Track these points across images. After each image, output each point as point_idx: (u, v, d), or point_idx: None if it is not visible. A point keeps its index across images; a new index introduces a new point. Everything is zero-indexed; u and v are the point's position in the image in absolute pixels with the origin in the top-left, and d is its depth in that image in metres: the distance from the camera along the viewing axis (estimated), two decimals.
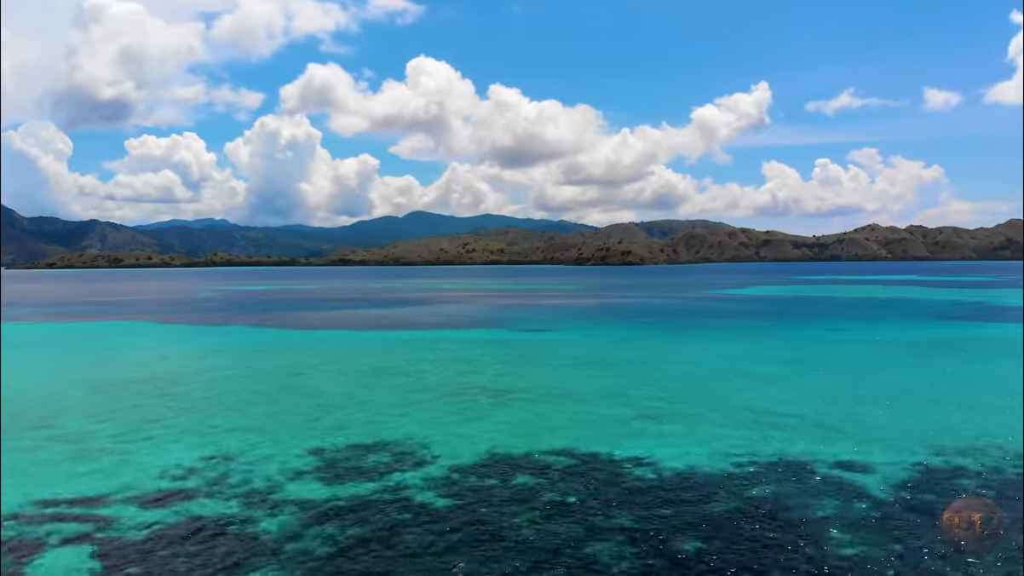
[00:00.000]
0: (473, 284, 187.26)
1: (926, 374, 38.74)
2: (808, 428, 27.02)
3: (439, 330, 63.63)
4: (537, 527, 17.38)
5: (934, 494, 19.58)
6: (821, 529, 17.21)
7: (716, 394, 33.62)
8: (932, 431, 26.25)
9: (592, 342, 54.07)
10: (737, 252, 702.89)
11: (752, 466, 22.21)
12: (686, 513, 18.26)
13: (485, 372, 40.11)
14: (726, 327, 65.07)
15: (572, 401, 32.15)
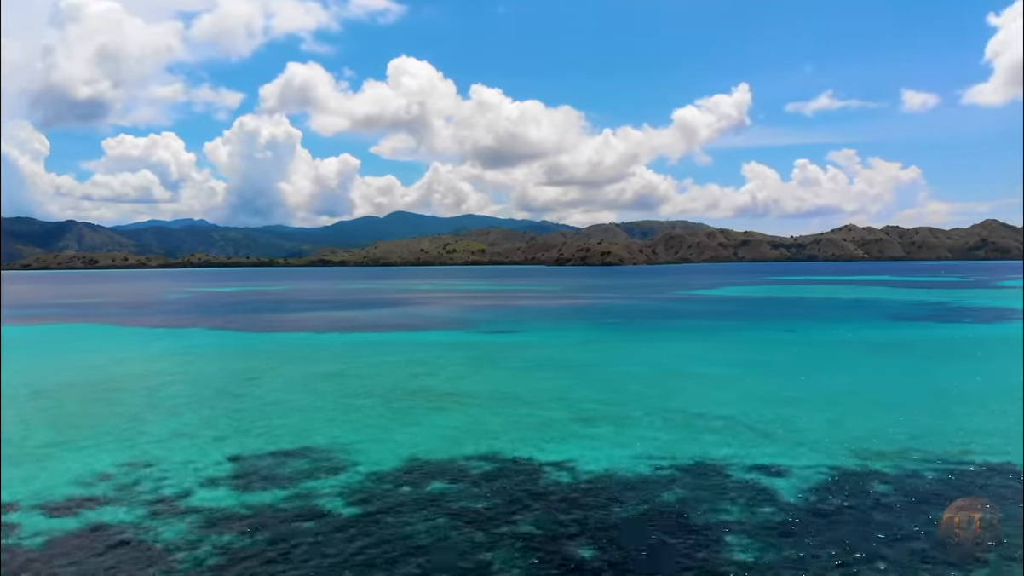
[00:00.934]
0: (449, 285, 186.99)
1: (867, 376, 38.98)
2: (737, 430, 27.09)
3: (401, 332, 63.38)
4: (433, 535, 17.24)
5: (845, 498, 19.64)
6: (719, 532, 17.20)
7: (657, 396, 33.65)
8: (858, 434, 26.38)
9: (551, 344, 54.06)
10: (716, 253, 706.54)
11: (669, 469, 22.22)
12: (588, 518, 18.19)
13: (436, 375, 39.92)
14: (685, 328, 65.31)
15: (514, 404, 32.05)
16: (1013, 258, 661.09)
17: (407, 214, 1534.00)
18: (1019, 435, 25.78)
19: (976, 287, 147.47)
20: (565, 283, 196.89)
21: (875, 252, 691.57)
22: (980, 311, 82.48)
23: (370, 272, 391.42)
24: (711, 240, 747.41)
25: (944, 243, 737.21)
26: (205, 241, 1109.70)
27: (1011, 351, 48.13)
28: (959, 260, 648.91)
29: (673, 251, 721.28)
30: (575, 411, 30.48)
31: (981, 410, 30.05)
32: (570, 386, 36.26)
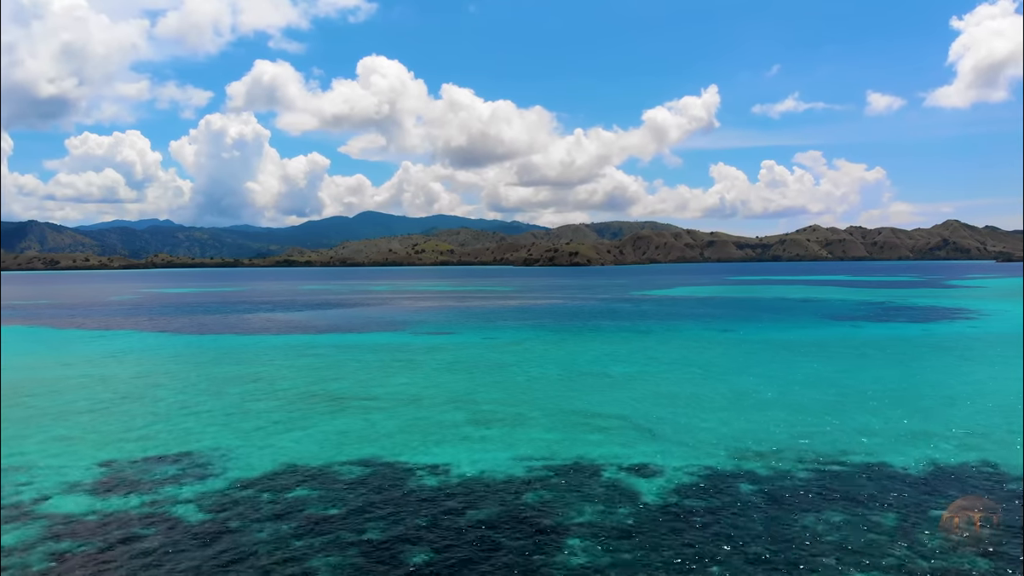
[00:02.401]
0: (405, 286, 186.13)
1: (775, 375, 39.26)
2: (625, 430, 27.14)
3: (330, 335, 62.84)
4: (272, 543, 16.97)
5: (706, 498, 19.71)
6: (561, 534, 17.14)
7: (560, 397, 33.63)
8: (740, 433, 26.56)
9: (477, 345, 53.86)
10: (682, 253, 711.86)
11: (542, 470, 22.15)
12: (437, 522, 18.04)
13: (346, 378, 39.52)
14: (619, 329, 65.49)
15: (412, 407, 31.82)
16: (973, 258, 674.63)
17: (377, 214, 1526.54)
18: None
19: (926, 287, 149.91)
20: (525, 283, 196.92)
21: (839, 252, 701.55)
22: (917, 311, 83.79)
23: (333, 273, 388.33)
24: (678, 241, 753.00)
25: (906, 243, 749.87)
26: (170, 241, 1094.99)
27: (931, 351, 48.94)
28: (920, 260, 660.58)
29: (641, 251, 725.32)
30: (472, 413, 30.34)
31: (871, 410, 30.41)
32: (477, 388, 36.10)
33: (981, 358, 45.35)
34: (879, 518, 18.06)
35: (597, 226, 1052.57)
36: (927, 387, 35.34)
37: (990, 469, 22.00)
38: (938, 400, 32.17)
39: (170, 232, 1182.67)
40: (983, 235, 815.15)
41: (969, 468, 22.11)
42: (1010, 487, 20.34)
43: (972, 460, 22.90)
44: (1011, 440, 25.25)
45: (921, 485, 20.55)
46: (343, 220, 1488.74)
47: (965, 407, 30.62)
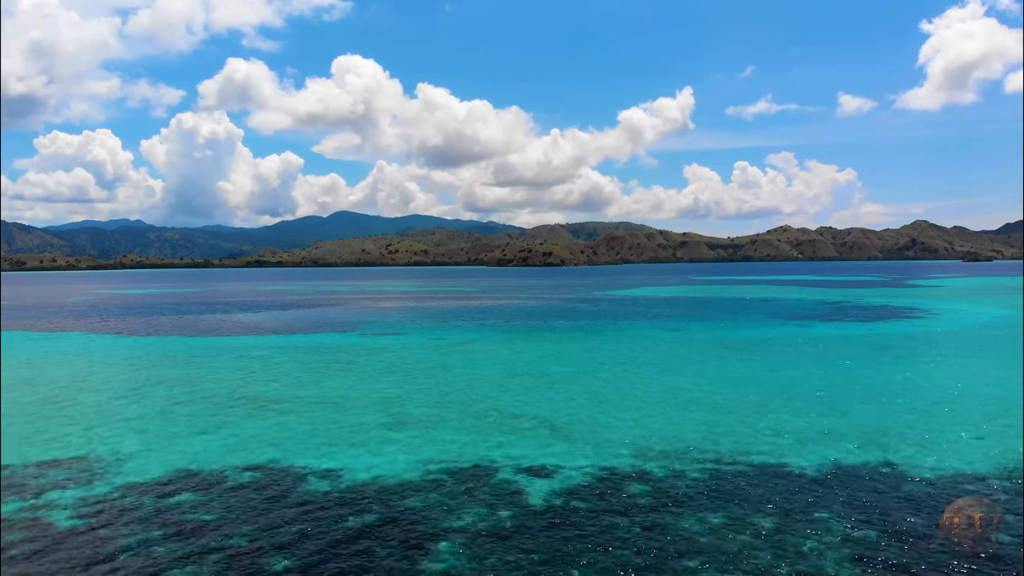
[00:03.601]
0: (371, 286, 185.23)
1: (712, 375, 39.35)
2: (538, 431, 26.96)
3: (277, 336, 62.22)
4: (137, 548, 16.56)
5: (600, 499, 19.56)
6: (435, 538, 16.91)
7: (486, 398, 33.41)
8: (654, 433, 26.49)
9: (424, 346, 53.53)
10: (655, 253, 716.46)
11: (438, 473, 21.89)
12: (313, 528, 17.71)
13: (276, 380, 38.98)
14: (573, 328, 65.46)
15: (332, 410, 31.41)
16: (941, 258, 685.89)
17: (351, 214, 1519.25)
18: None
19: (887, 286, 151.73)
20: (492, 284, 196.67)
21: (809, 252, 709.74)
22: (869, 310, 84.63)
23: (303, 273, 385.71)
24: (651, 241, 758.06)
25: (875, 243, 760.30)
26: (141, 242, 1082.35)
27: (870, 350, 49.36)
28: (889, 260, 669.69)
29: (614, 252, 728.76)
30: (392, 416, 30.01)
31: (789, 409, 30.51)
32: (407, 390, 35.76)
33: (917, 357, 45.78)
34: (758, 519, 18.02)
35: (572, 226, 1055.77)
36: (852, 386, 35.54)
37: (887, 470, 22.08)
38: (856, 399, 32.34)
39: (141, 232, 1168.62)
40: (951, 235, 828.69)
41: (868, 469, 22.18)
42: (910, 489, 20.42)
43: (873, 460, 22.97)
44: (921, 440, 25.41)
45: (811, 486, 20.56)
46: (317, 220, 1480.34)
47: (881, 406, 30.80)
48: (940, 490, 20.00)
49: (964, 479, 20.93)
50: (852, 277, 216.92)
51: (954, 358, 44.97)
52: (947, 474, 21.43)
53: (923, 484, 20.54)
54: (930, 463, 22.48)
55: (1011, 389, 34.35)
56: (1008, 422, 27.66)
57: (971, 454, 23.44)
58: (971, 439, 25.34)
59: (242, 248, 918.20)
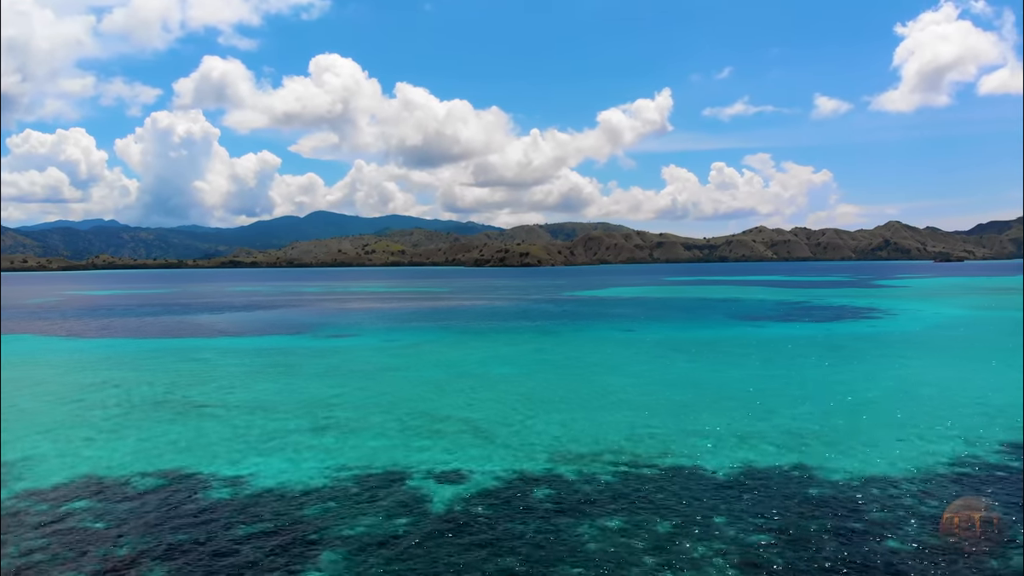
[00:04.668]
0: (340, 287, 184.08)
1: (651, 376, 39.21)
2: (461, 435, 26.58)
3: (226, 338, 61.45)
4: (14, 557, 16.01)
5: (494, 507, 19.24)
6: (329, 546, 16.51)
7: (421, 401, 32.98)
8: (579, 435, 26.24)
9: (372, 348, 53.01)
10: (632, 254, 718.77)
11: (346, 480, 21.48)
12: (200, 537, 17.24)
13: (209, 384, 38.26)
14: (529, 329, 65.19)
15: (258, 414, 30.82)
16: (913, 258, 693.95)
17: (329, 214, 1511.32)
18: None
19: (853, 286, 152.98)
20: (465, 284, 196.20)
21: (783, 253, 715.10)
22: (828, 310, 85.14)
23: (277, 274, 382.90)
24: (628, 242, 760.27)
25: (848, 244, 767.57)
26: (115, 242, 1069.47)
27: (817, 350, 49.42)
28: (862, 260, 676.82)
29: (592, 252, 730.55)
30: (317, 420, 29.51)
31: (719, 411, 30.38)
32: (341, 393, 35.23)
33: (861, 358, 45.83)
34: (654, 524, 17.79)
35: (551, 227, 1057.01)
36: (787, 388, 35.51)
37: (797, 473, 21.96)
38: (788, 401, 32.29)
39: (115, 232, 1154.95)
40: (924, 236, 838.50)
41: (778, 472, 22.04)
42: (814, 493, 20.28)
43: (785, 463, 22.86)
44: (838, 441, 25.35)
45: (717, 490, 20.37)
46: (294, 220, 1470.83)
47: (810, 408, 30.75)
48: (845, 492, 19.88)
49: (874, 482, 20.83)
50: (820, 277, 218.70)
51: (900, 359, 45.18)
52: (859, 477, 21.32)
53: (831, 487, 20.41)
54: (844, 465, 22.37)
55: (948, 389, 34.51)
56: (938, 424, 27.70)
57: (885, 456, 23.39)
58: (893, 441, 25.30)
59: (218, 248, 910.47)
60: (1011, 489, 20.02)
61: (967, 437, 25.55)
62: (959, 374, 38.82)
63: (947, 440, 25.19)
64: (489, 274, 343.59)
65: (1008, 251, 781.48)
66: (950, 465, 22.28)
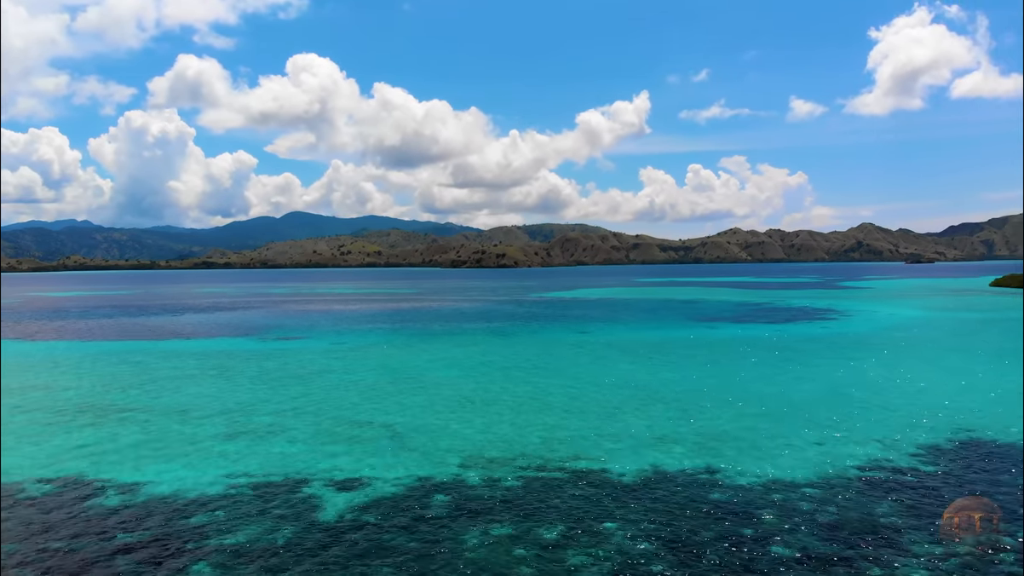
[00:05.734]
0: (307, 289, 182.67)
1: (589, 378, 38.95)
2: (377, 440, 26.13)
3: (169, 340, 60.55)
4: None
5: (385, 515, 18.86)
6: (206, 557, 16.03)
7: (348, 405, 32.50)
8: (498, 439, 25.93)
9: (316, 350, 52.36)
10: (609, 255, 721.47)
11: (243, 487, 20.95)
12: (72, 547, 16.70)
13: (137, 388, 37.45)
14: (484, 331, 64.85)
15: (174, 419, 30.15)
16: (885, 259, 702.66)
17: (306, 214, 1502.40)
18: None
19: (818, 287, 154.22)
20: (436, 285, 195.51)
21: (757, 254, 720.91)
22: (785, 311, 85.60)
23: (249, 275, 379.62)
24: (605, 243, 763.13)
25: (822, 245, 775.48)
26: (88, 243, 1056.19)
27: (762, 351, 49.49)
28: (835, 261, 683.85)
29: (569, 254, 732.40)
30: (233, 426, 28.90)
31: (644, 414, 30.20)
32: (264, 398, 34.54)
33: (804, 359, 45.92)
34: (543, 529, 17.49)
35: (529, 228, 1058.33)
36: (720, 389, 35.38)
37: (706, 476, 21.77)
38: (717, 403, 32.16)
39: (88, 233, 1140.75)
40: (896, 237, 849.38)
41: (685, 475, 21.85)
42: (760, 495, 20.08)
43: (695, 466, 22.68)
44: (752, 445, 25.22)
45: (617, 493, 20.12)
46: (270, 220, 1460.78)
47: (736, 410, 30.65)
48: (744, 496, 19.71)
49: (776, 487, 20.69)
50: (787, 279, 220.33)
51: (842, 360, 45.20)
52: (764, 481, 21.17)
53: (732, 491, 20.23)
54: (752, 469, 22.22)
55: (880, 391, 34.58)
56: (859, 426, 27.68)
57: (796, 459, 23.29)
58: (809, 444, 25.22)
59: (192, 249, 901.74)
60: (911, 495, 19.96)
61: (885, 440, 25.54)
62: (895, 375, 38.96)
63: (863, 443, 25.14)
64: (463, 275, 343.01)
65: (979, 252, 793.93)
66: (859, 469, 22.19)
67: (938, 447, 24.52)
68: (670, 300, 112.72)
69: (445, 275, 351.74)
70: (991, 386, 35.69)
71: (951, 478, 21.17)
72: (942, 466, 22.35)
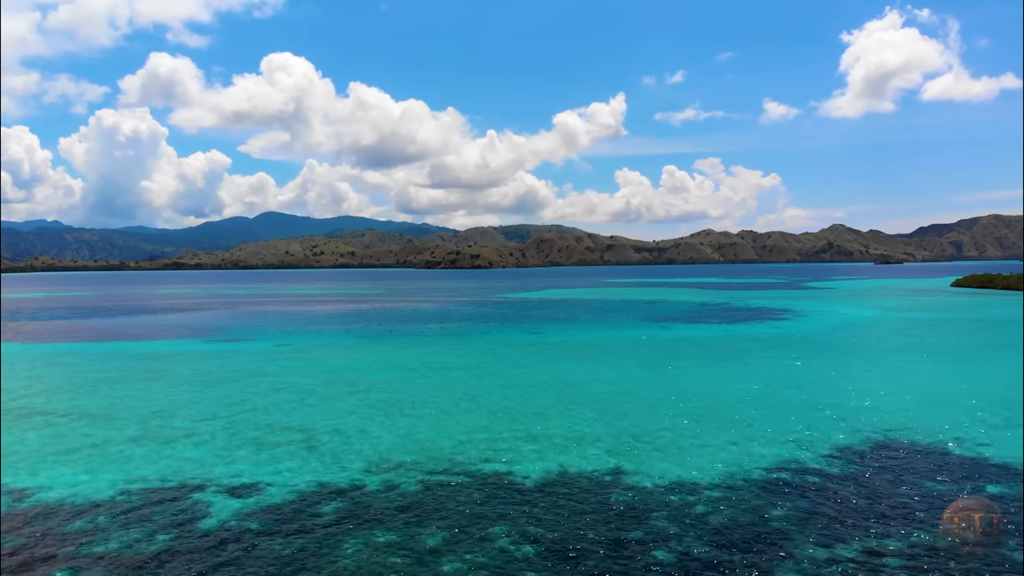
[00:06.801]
0: (271, 290, 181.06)
1: (524, 379, 38.67)
2: (289, 445, 25.57)
3: (112, 342, 59.51)
4: None
5: (271, 522, 18.38)
6: (76, 565, 15.46)
7: (271, 409, 31.86)
8: (408, 442, 25.52)
9: (257, 353, 51.60)
10: (583, 256, 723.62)
11: (136, 492, 20.36)
12: None
13: (66, 390, 36.68)
14: (437, 332, 64.40)
15: (90, 423, 29.40)
16: (856, 260, 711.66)
17: (280, 215, 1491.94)
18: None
19: (782, 288, 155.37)
20: (402, 286, 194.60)
21: (730, 255, 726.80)
22: (741, 311, 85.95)
23: (217, 276, 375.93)
24: (580, 244, 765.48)
25: (793, 246, 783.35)
26: (57, 243, 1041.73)
27: (704, 352, 49.52)
28: (806, 262, 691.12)
29: (544, 254, 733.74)
30: (147, 429, 28.20)
31: (573, 415, 29.95)
32: (187, 401, 33.82)
33: (743, 359, 45.88)
34: (429, 537, 17.11)
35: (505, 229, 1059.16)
36: (654, 389, 35.23)
37: (609, 479, 21.51)
38: (645, 403, 32.00)
39: (57, 234, 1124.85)
40: (866, 238, 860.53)
41: (592, 478, 21.58)
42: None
43: (603, 468, 22.41)
44: (666, 446, 25.02)
45: (520, 496, 19.79)
46: (243, 221, 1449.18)
47: (661, 411, 30.48)
48: (644, 498, 19.46)
49: (678, 488, 20.47)
50: (754, 280, 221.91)
51: (781, 360, 45.22)
52: (668, 482, 20.93)
53: (634, 493, 19.97)
54: (660, 470, 21.98)
55: (810, 391, 34.58)
56: (780, 427, 27.58)
57: (707, 460, 23.11)
58: (724, 444, 25.05)
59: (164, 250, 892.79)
60: (811, 497, 19.83)
61: (800, 440, 25.44)
62: (830, 376, 39.06)
63: (778, 444, 25.02)
64: (435, 276, 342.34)
65: (948, 253, 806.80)
66: (765, 471, 22.03)
67: (851, 448, 24.46)
68: (632, 301, 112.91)
69: (416, 276, 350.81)
70: (923, 386, 35.89)
71: (853, 480, 21.08)
72: (850, 468, 22.27)
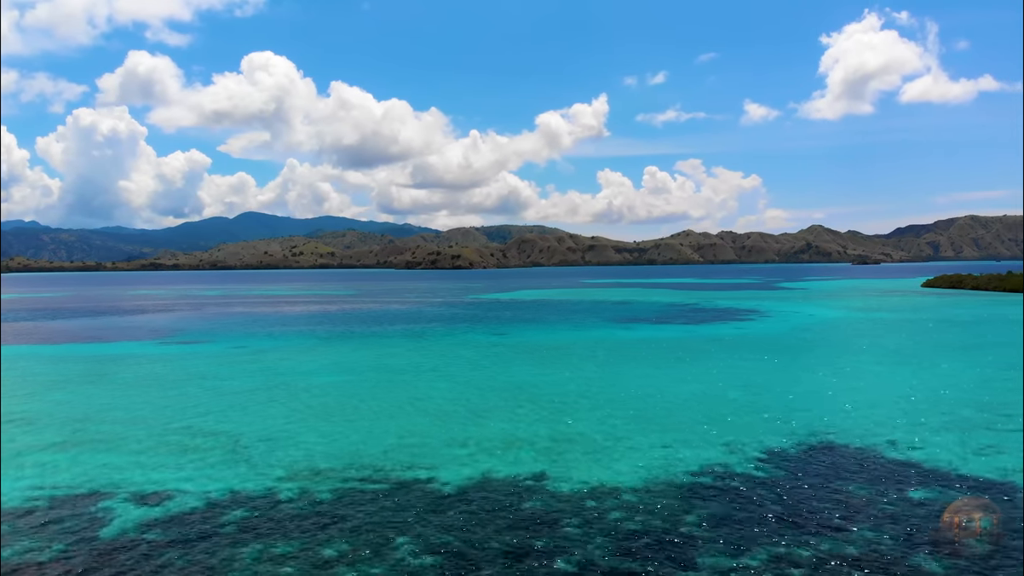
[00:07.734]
0: (243, 290, 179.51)
1: (478, 382, 38.29)
2: (216, 450, 25.00)
3: (62, 345, 58.54)
4: None
5: (190, 529, 17.83)
6: None
7: (209, 413, 31.21)
8: (348, 447, 25.03)
9: (209, 355, 50.82)
10: (565, 257, 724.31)
11: (44, 499, 19.74)
12: None
13: (16, 394, 35.83)
14: (400, 334, 63.85)
15: (16, 428, 28.68)
16: (834, 260, 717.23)
17: (260, 215, 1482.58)
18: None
19: (754, 288, 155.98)
20: (376, 287, 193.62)
21: (710, 256, 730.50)
22: (709, 312, 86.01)
23: (194, 276, 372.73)
24: (561, 245, 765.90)
25: (773, 247, 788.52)
26: (34, 244, 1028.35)
27: (662, 352, 49.30)
28: (785, 263, 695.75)
29: (525, 255, 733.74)
30: (72, 433, 27.53)
31: (513, 417, 29.56)
32: (125, 405, 33.08)
33: (697, 359, 45.70)
34: (327, 546, 16.63)
35: (488, 229, 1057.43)
36: (601, 390, 34.92)
37: (532, 483, 21.13)
38: (587, 405, 31.67)
39: (34, 234, 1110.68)
40: (845, 239, 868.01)
41: (515, 482, 21.18)
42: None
43: (529, 472, 22.03)
44: (596, 448, 24.69)
45: (436, 502, 19.36)
46: (223, 221, 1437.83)
47: (606, 411, 30.16)
48: (561, 504, 19.08)
49: (597, 494, 20.11)
50: (729, 280, 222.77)
51: (735, 361, 45.04)
52: (589, 487, 20.56)
53: (553, 499, 19.58)
54: (585, 474, 21.60)
55: (756, 392, 34.44)
56: (717, 429, 27.32)
57: (634, 464, 22.78)
58: (655, 447, 24.74)
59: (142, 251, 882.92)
60: (732, 501, 19.54)
61: (733, 443, 25.15)
62: (782, 377, 38.92)
63: (710, 447, 24.74)
64: (413, 276, 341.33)
65: (925, 254, 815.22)
66: (691, 475, 21.71)
67: (780, 451, 24.21)
68: (604, 301, 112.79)
69: (395, 276, 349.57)
70: (870, 388, 35.86)
71: (773, 485, 20.81)
72: (774, 472, 22.01)
